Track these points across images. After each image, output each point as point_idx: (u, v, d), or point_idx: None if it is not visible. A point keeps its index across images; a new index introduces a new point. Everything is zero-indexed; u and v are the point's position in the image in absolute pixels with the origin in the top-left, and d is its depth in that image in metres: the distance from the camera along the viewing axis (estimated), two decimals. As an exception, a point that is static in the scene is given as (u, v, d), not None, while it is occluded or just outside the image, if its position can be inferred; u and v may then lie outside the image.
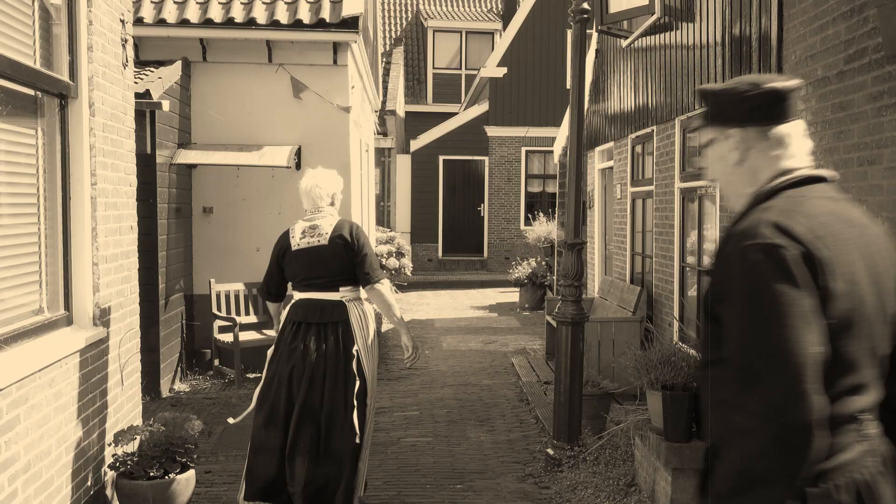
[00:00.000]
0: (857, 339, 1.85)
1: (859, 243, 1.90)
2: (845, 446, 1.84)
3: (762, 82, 2.01)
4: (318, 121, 9.11)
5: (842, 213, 1.93)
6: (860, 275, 1.87)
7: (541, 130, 20.14)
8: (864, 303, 1.87)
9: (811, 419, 1.71)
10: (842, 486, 1.81)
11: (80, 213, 4.46)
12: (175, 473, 4.50)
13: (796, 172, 1.98)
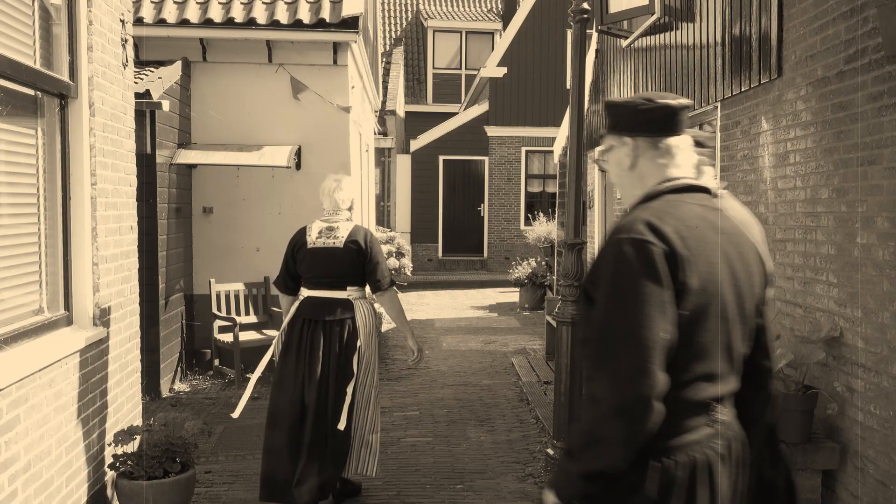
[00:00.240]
0: (710, 333, 2.07)
1: (726, 249, 2.13)
2: (692, 428, 2.06)
3: (655, 99, 2.27)
4: (318, 121, 9.12)
5: (712, 220, 2.15)
6: (719, 276, 2.09)
7: (541, 130, 20.14)
8: (721, 301, 2.09)
9: (651, 393, 1.93)
10: (681, 462, 2.03)
11: (80, 213, 4.46)
12: (175, 473, 4.50)
13: (678, 181, 2.23)
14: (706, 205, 2.19)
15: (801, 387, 4.47)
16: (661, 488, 2.02)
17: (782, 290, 5.12)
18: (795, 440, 4.42)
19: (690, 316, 2.03)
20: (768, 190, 5.34)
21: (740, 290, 2.15)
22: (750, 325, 2.19)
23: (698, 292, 2.03)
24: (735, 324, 2.13)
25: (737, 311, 2.13)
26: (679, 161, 2.26)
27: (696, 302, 2.03)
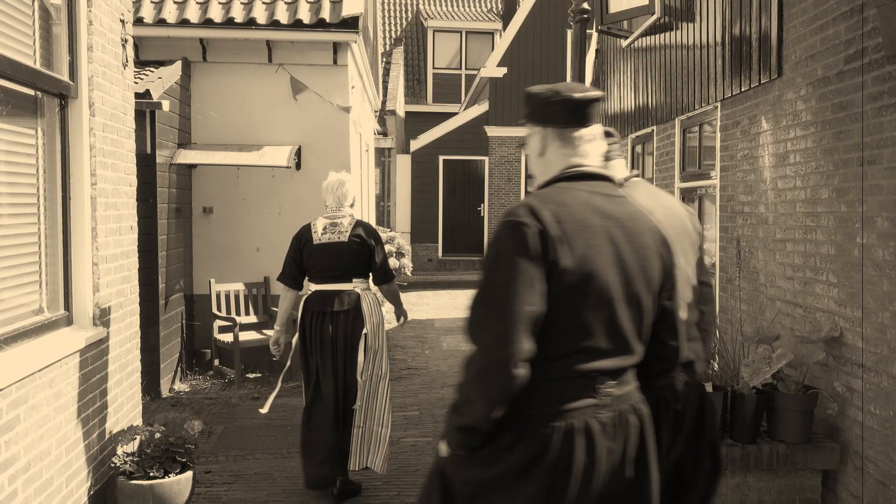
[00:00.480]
0: (589, 310, 2.22)
1: (613, 233, 2.28)
2: (574, 397, 2.21)
3: (563, 91, 2.42)
4: (318, 121, 9.11)
5: (600, 206, 2.31)
6: (601, 257, 2.24)
7: (541, 130, 20.12)
8: (600, 281, 2.23)
9: (510, 360, 2.12)
10: (557, 427, 2.19)
11: (80, 213, 4.46)
12: (175, 473, 4.50)
13: (577, 168, 2.39)
14: (600, 192, 2.35)
15: (801, 387, 4.47)
16: (535, 449, 2.18)
17: (782, 290, 5.12)
18: (795, 440, 4.42)
19: (565, 293, 2.19)
20: (768, 190, 5.34)
21: (628, 272, 2.28)
22: (645, 306, 2.32)
23: (573, 271, 2.19)
24: (620, 304, 2.26)
25: (622, 293, 2.27)
26: (584, 150, 2.42)
27: (571, 280, 2.19)
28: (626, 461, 2.28)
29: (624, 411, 2.28)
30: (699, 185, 6.96)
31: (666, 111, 7.60)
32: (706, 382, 4.59)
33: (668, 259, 2.42)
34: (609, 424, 2.25)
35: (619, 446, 2.26)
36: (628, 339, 2.30)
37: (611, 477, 2.25)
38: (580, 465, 2.20)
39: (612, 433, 2.25)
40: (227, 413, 7.27)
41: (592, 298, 2.22)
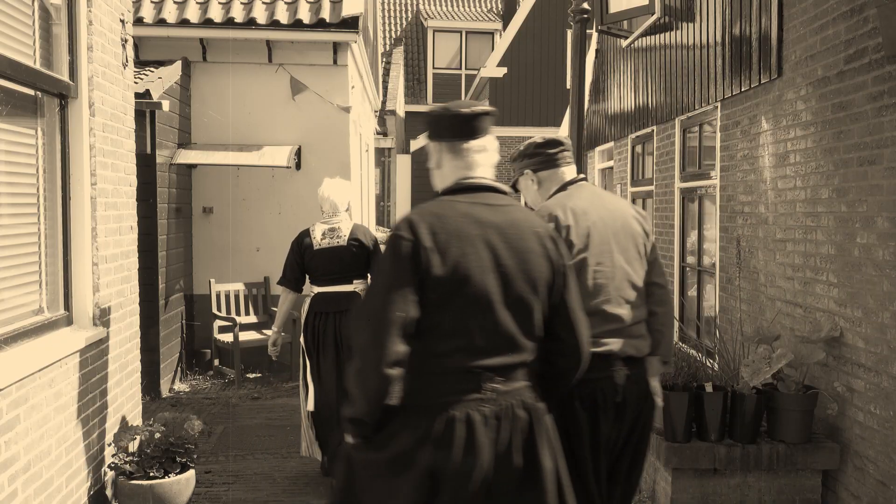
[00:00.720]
0: (464, 312, 2.40)
1: (492, 241, 2.44)
2: (457, 391, 2.39)
3: (451, 108, 2.64)
4: (318, 121, 9.11)
5: (479, 215, 2.48)
6: (477, 263, 2.41)
7: (541, 130, 20.13)
8: (475, 285, 2.40)
9: (381, 363, 2.30)
10: (440, 418, 2.36)
11: (80, 213, 4.46)
12: (175, 473, 4.50)
13: (465, 181, 2.57)
14: (482, 202, 2.52)
15: (801, 387, 4.47)
16: (418, 436, 2.37)
17: (782, 290, 5.12)
18: (795, 440, 4.42)
19: (441, 298, 2.39)
20: (768, 190, 5.34)
21: (508, 275, 2.45)
22: (530, 306, 2.47)
23: (446, 278, 2.38)
24: (500, 305, 2.43)
25: (502, 294, 2.43)
26: (474, 161, 2.60)
27: (446, 286, 2.39)
28: (512, 452, 2.41)
29: (511, 406, 2.43)
30: (699, 185, 6.96)
31: (666, 111, 7.60)
32: (706, 382, 4.60)
33: (557, 259, 2.56)
34: (491, 417, 2.40)
35: (504, 438, 2.41)
36: (513, 337, 2.45)
37: (497, 466, 2.39)
38: (459, 453, 2.36)
39: (495, 425, 2.40)
40: (227, 413, 7.27)
41: (470, 301, 2.41)
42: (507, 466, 2.41)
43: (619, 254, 3.21)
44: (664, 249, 7.85)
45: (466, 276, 2.40)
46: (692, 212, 7.27)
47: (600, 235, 3.18)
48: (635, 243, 3.27)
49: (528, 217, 2.59)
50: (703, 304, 7.03)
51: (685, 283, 7.47)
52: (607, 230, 3.21)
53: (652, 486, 4.80)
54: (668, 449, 4.45)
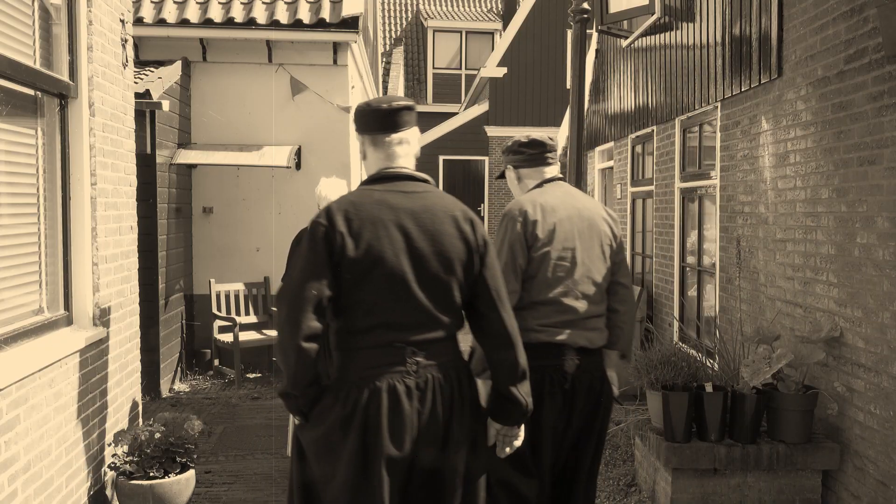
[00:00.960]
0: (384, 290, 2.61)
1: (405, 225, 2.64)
2: (380, 364, 2.60)
3: (373, 103, 2.80)
4: (318, 121, 9.11)
5: (394, 202, 2.67)
6: (390, 246, 2.61)
7: (541, 130, 20.11)
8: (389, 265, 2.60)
9: (296, 338, 2.51)
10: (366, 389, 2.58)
11: (80, 213, 4.46)
12: (175, 473, 4.50)
13: (383, 171, 2.76)
14: (399, 190, 2.72)
15: (801, 387, 4.47)
16: (349, 408, 2.58)
17: (782, 290, 5.12)
18: (795, 440, 4.42)
19: (357, 277, 2.60)
20: (768, 190, 5.34)
21: (421, 256, 2.64)
22: (445, 284, 2.67)
23: (360, 260, 2.59)
24: (415, 284, 2.63)
25: (415, 274, 2.63)
26: (395, 153, 2.78)
27: (360, 267, 2.59)
28: (435, 420, 2.64)
29: (434, 378, 2.64)
30: (699, 185, 6.96)
31: (666, 111, 7.60)
32: (706, 382, 4.60)
33: (473, 240, 2.74)
34: (414, 388, 2.61)
35: (427, 407, 2.62)
36: (431, 314, 2.66)
37: (420, 433, 2.61)
38: (386, 421, 2.57)
39: (419, 396, 2.62)
40: (227, 413, 7.27)
41: (385, 280, 2.61)
42: (430, 434, 2.63)
43: (581, 251, 3.44)
44: (664, 249, 7.85)
45: (380, 257, 2.61)
46: (692, 212, 7.27)
47: (565, 232, 3.41)
48: (600, 243, 3.50)
49: (445, 202, 2.76)
50: (703, 304, 7.03)
51: (685, 283, 7.46)
52: (573, 228, 3.44)
53: (652, 486, 4.79)
54: (668, 449, 4.45)
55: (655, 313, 8.09)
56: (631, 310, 3.62)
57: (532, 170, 3.61)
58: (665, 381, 4.79)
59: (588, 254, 3.45)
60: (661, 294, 7.93)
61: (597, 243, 3.48)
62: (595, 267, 3.46)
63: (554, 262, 3.38)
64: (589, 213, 3.51)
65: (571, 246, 3.42)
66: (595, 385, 3.45)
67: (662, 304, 7.90)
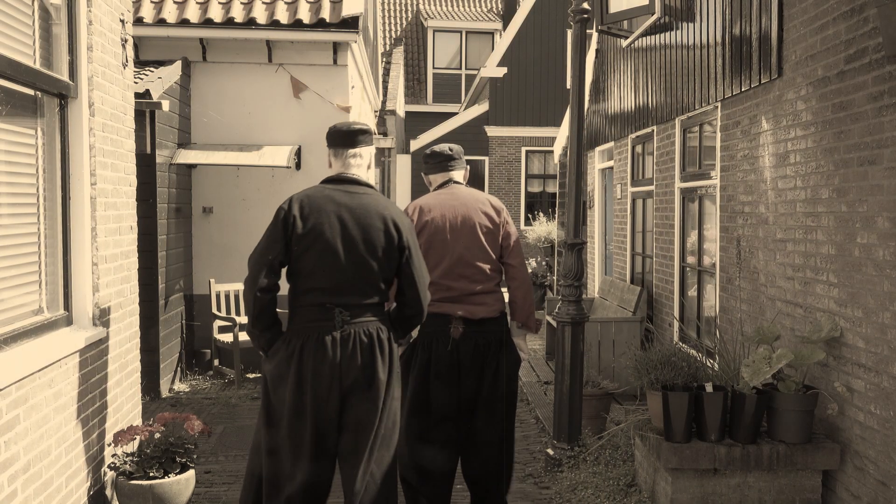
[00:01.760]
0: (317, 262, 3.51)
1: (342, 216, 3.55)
2: (314, 318, 3.51)
3: (338, 125, 3.80)
4: (318, 121, 9.11)
5: (337, 198, 3.60)
6: (328, 230, 3.53)
7: (541, 130, 20.13)
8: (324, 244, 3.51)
9: (253, 290, 3.49)
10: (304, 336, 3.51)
11: (79, 213, 4.46)
12: (175, 473, 4.50)
13: (337, 175, 3.73)
14: (343, 190, 3.65)
15: (801, 387, 4.47)
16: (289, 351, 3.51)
17: (782, 290, 5.12)
18: (795, 440, 4.42)
19: (302, 249, 3.51)
20: (768, 190, 5.34)
21: (352, 241, 3.54)
22: (370, 265, 3.55)
23: (305, 236, 3.50)
24: (344, 262, 3.52)
25: (345, 253, 3.53)
26: (349, 163, 3.75)
27: (305, 242, 3.51)
28: (355, 364, 3.51)
29: (356, 332, 3.52)
30: (699, 185, 6.96)
31: (666, 111, 7.60)
32: (706, 382, 4.60)
33: (396, 235, 3.61)
34: (338, 339, 3.50)
35: (347, 353, 3.49)
36: (356, 285, 3.55)
37: (342, 372, 3.49)
38: (312, 362, 3.47)
39: (344, 345, 3.50)
40: (227, 413, 7.27)
41: (321, 254, 3.51)
42: (350, 373, 3.50)
43: (453, 241, 4.24)
44: (664, 249, 7.85)
45: (319, 236, 3.51)
46: (692, 212, 7.27)
47: (436, 227, 4.24)
48: (475, 233, 4.27)
49: (379, 203, 3.65)
50: (703, 304, 7.03)
51: (685, 283, 7.46)
52: (445, 223, 4.25)
53: (652, 486, 4.79)
54: (668, 449, 4.45)
55: (655, 313, 8.09)
56: (522, 285, 4.38)
57: (434, 175, 4.45)
58: (665, 381, 4.79)
59: (462, 242, 4.24)
60: (661, 294, 7.93)
61: (470, 234, 4.26)
62: (471, 253, 4.25)
63: (427, 250, 4.15)
64: (464, 209, 4.28)
65: (443, 238, 4.23)
66: (482, 352, 4.23)
67: (662, 304, 7.90)
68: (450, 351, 4.17)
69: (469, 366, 4.19)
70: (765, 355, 4.45)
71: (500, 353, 4.25)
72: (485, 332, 4.23)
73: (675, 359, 4.99)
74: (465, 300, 4.21)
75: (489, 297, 4.27)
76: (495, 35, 25.68)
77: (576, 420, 5.73)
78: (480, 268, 4.26)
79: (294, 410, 3.47)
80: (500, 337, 4.28)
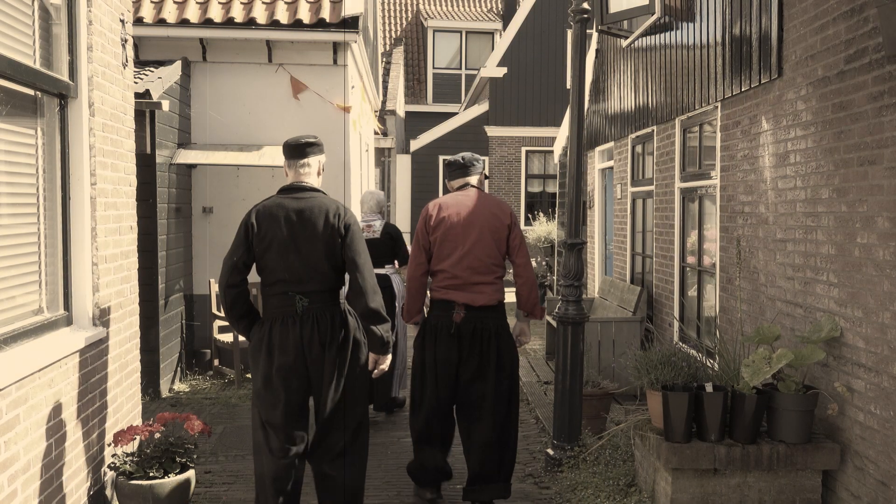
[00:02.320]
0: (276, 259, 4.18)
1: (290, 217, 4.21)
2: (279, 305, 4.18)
3: (290, 140, 4.42)
4: (318, 121, 9.11)
5: (285, 203, 4.27)
6: (279, 231, 4.18)
7: (541, 130, 20.13)
8: (278, 243, 4.17)
9: (223, 284, 4.21)
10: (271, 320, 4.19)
11: (79, 213, 4.46)
12: (175, 473, 4.50)
13: (289, 184, 4.39)
14: (292, 196, 4.31)
15: (801, 387, 4.46)
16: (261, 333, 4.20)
17: (782, 290, 5.12)
18: (795, 440, 4.42)
19: (261, 250, 4.20)
20: (768, 190, 5.34)
21: (298, 239, 4.18)
22: (315, 259, 4.18)
23: (261, 238, 4.20)
24: (295, 256, 4.17)
25: (295, 249, 4.17)
26: (301, 172, 4.38)
27: (261, 244, 4.19)
28: (313, 340, 4.16)
29: (314, 313, 4.18)
30: (699, 185, 6.96)
31: (666, 111, 7.60)
32: (706, 382, 4.59)
33: (337, 228, 4.20)
34: (299, 320, 4.16)
35: (307, 331, 4.15)
36: (309, 274, 4.18)
37: (304, 348, 4.16)
38: (279, 339, 4.16)
39: (304, 324, 4.16)
40: (227, 413, 7.27)
41: (277, 252, 4.18)
42: (312, 350, 4.17)
43: (464, 236, 4.88)
44: (664, 249, 7.85)
45: (273, 238, 4.19)
46: (692, 212, 7.27)
47: (451, 222, 4.91)
48: (482, 231, 4.88)
49: (322, 203, 4.25)
50: (703, 304, 7.03)
51: (685, 283, 7.46)
52: (460, 221, 4.91)
53: (652, 486, 4.79)
54: (668, 449, 4.45)
55: (655, 313, 8.09)
56: (527, 281, 5.00)
57: (454, 181, 5.24)
58: (665, 381, 4.79)
59: (472, 238, 4.87)
60: (661, 294, 7.93)
61: (477, 232, 4.87)
62: (477, 247, 4.86)
63: (441, 243, 4.90)
64: (475, 210, 4.93)
65: (455, 233, 4.89)
66: (480, 336, 4.83)
67: (662, 304, 7.90)
68: (452, 333, 4.83)
69: (468, 346, 4.84)
70: (765, 355, 4.44)
71: (498, 336, 4.88)
72: (483, 318, 4.85)
73: (675, 359, 4.99)
74: (468, 289, 4.84)
75: (489, 287, 4.88)
76: (495, 35, 25.68)
77: (576, 420, 5.73)
78: (484, 261, 4.87)
79: (264, 379, 4.18)
80: (498, 322, 4.90)
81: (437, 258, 4.90)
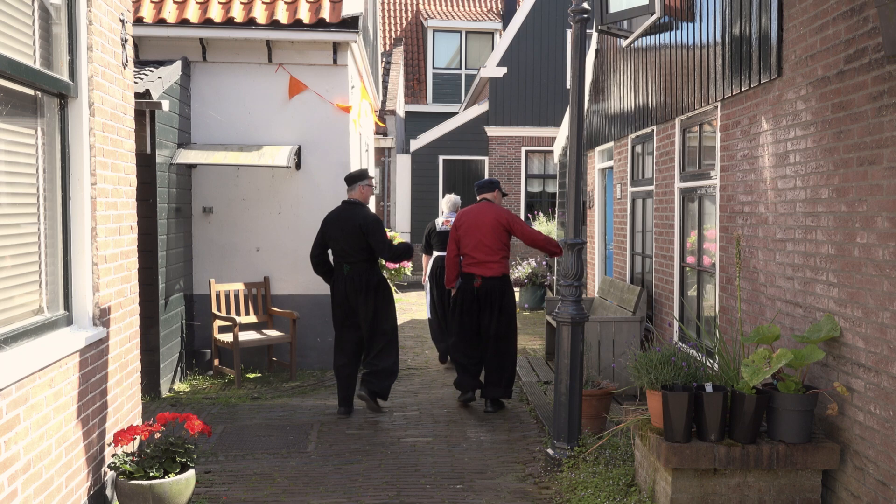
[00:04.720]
0: (334, 243, 7.29)
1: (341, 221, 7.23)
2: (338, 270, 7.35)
3: (352, 172, 7.54)
4: (318, 121, 9.12)
5: (339, 212, 7.32)
6: (337, 230, 7.23)
7: (541, 130, 20.13)
8: (334, 235, 7.25)
9: (312, 256, 7.44)
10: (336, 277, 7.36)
11: (79, 213, 4.46)
12: (175, 473, 4.50)
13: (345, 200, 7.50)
14: (347, 208, 7.30)
15: (801, 387, 4.47)
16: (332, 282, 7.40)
17: (782, 290, 5.12)
18: (795, 440, 4.42)
19: (327, 239, 7.31)
20: (768, 190, 5.34)
21: (344, 233, 7.19)
22: (352, 245, 7.19)
23: (328, 234, 7.29)
24: (341, 242, 7.20)
25: (342, 239, 7.20)
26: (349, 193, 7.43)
27: (328, 237, 7.30)
28: (355, 289, 7.20)
29: (357, 273, 7.21)
30: (699, 185, 6.96)
31: (666, 111, 7.60)
32: (706, 382, 4.59)
33: (364, 228, 7.13)
34: (348, 276, 7.20)
35: (352, 285, 7.19)
36: (349, 252, 7.19)
37: (349, 294, 7.23)
38: (336, 288, 7.32)
39: (351, 279, 7.20)
40: (227, 413, 7.27)
41: (334, 240, 7.25)
42: (355, 295, 7.21)
43: (475, 232, 7.32)
44: (664, 249, 7.85)
45: (332, 233, 7.22)
46: (692, 212, 7.27)
47: (468, 226, 7.37)
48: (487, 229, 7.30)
49: (357, 213, 7.20)
50: (703, 304, 7.03)
51: (685, 283, 7.46)
52: (471, 224, 7.36)
53: (652, 486, 4.80)
54: (668, 449, 4.45)
55: (655, 313, 8.09)
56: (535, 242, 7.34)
57: (478, 195, 7.64)
58: (665, 381, 4.79)
59: (480, 234, 7.31)
60: (661, 294, 7.93)
61: (481, 231, 7.31)
62: (485, 239, 7.30)
63: (463, 239, 7.40)
64: (482, 217, 7.36)
65: (468, 232, 7.35)
66: (490, 295, 7.34)
67: (662, 304, 7.90)
68: (475, 296, 7.39)
69: (484, 303, 7.37)
70: (764, 355, 4.45)
71: (503, 295, 7.38)
72: (494, 284, 7.36)
73: (675, 359, 4.99)
74: (482, 266, 7.33)
75: (496, 264, 7.34)
76: (495, 35, 25.68)
77: (576, 420, 5.73)
78: (491, 247, 7.32)
79: (333, 307, 7.38)
80: (503, 288, 7.41)
81: (463, 247, 7.39)
